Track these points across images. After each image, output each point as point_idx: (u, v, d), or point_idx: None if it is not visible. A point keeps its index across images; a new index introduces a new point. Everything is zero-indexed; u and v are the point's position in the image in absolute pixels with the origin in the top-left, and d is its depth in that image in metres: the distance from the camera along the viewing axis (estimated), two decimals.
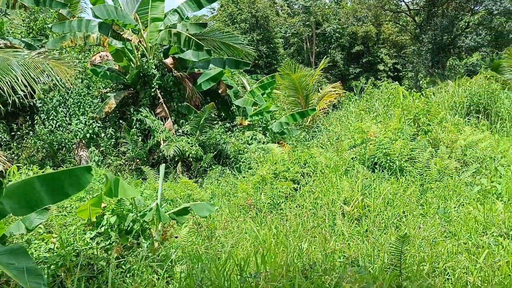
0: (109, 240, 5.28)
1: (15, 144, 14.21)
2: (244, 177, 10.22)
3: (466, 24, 41.43)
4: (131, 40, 14.23)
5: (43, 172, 9.67)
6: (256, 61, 39.53)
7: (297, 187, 8.18)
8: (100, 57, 16.13)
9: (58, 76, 13.22)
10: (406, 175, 8.31)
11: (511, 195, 6.63)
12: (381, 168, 8.58)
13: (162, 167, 5.86)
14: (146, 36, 14.73)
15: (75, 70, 15.29)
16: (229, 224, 7.13)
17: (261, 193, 7.95)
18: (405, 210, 6.69)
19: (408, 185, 7.86)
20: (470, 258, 4.92)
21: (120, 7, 14.83)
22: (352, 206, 6.69)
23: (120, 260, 5.26)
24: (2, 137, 14.41)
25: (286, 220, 6.78)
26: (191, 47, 12.81)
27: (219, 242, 6.34)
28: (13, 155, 14.05)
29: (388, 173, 8.38)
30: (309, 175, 8.60)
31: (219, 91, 14.91)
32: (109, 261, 5.20)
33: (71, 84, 14.25)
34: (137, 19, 14.97)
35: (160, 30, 14.32)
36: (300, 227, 6.41)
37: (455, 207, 6.76)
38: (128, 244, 5.34)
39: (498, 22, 39.95)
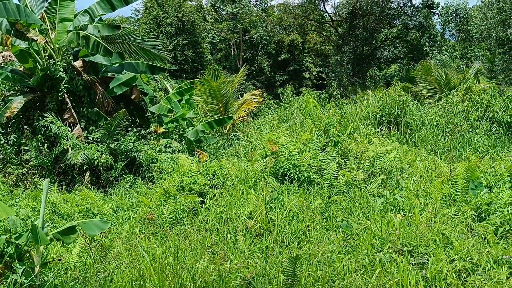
0: None
1: None
2: (150, 188, 9.74)
3: (385, 36, 43.52)
4: (36, 41, 13.24)
5: None
6: (182, 66, 38.86)
7: (203, 200, 7.86)
8: (3, 57, 14.89)
9: None
10: (315, 187, 8.26)
11: (410, 207, 6.74)
12: (290, 179, 8.48)
13: (46, 182, 5.29)
14: (54, 37, 13.79)
15: None
16: (127, 241, 6.65)
17: (165, 206, 7.54)
18: (309, 224, 6.58)
19: (315, 197, 7.81)
20: (366, 276, 4.85)
21: (26, 5, 13.77)
22: (255, 221, 6.48)
23: None
24: None
25: (186, 236, 6.43)
26: (99, 51, 12.11)
27: (112, 262, 5.85)
28: None
29: (296, 185, 8.30)
30: (218, 187, 8.31)
31: (132, 97, 14.25)
32: None
33: None
34: (45, 19, 13.99)
35: (69, 31, 13.46)
36: (201, 244, 6.10)
37: (358, 220, 6.76)
38: (1, 271, 4.74)
39: (414, 36, 42.34)
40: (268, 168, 8.23)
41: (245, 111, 18.31)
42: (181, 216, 7.24)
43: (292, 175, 8.46)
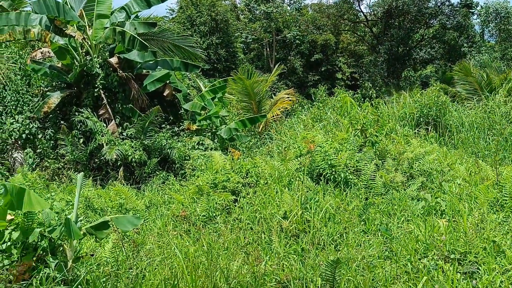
0: (10, 258, 4.62)
1: None
2: (182, 185, 9.64)
3: (421, 37, 42.48)
4: (74, 37, 13.40)
5: None
6: (215, 65, 38.95)
7: (236, 198, 7.69)
8: (42, 53, 15.17)
9: None
10: (351, 188, 7.98)
11: (454, 212, 6.39)
12: (325, 179, 8.22)
13: (80, 176, 5.23)
14: (91, 34, 13.94)
15: (10, 65, 14.37)
16: (160, 238, 6.56)
17: (198, 204, 7.41)
18: (346, 226, 6.33)
19: (352, 198, 7.53)
20: (409, 284, 4.57)
21: (65, 1, 13.97)
22: (290, 221, 6.26)
23: (24, 282, 4.63)
24: None
25: (220, 235, 6.28)
26: (135, 47, 12.17)
27: (145, 259, 5.76)
28: None
29: (332, 185, 8.03)
30: (251, 185, 8.14)
31: (164, 94, 14.27)
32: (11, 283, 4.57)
33: (4, 80, 13.29)
34: (83, 15, 14.18)
35: (106, 28, 13.58)
36: (234, 244, 5.93)
37: (398, 224, 6.46)
38: (33, 264, 4.69)
39: (451, 36, 41.17)
40: (304, 167, 7.98)
41: (279, 109, 18.10)
42: (214, 214, 7.10)
43: (328, 175, 8.20)
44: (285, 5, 48.40)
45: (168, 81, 14.51)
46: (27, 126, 13.51)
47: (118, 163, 12.82)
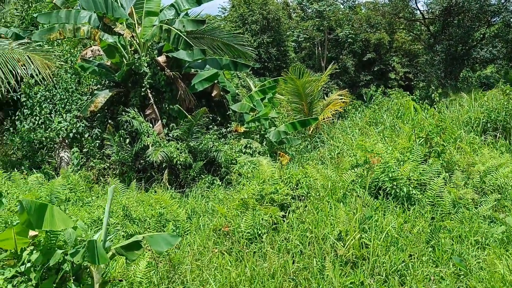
0: (29, 283, 4.11)
1: None
2: (227, 194, 9.00)
3: (482, 35, 40.02)
4: (123, 35, 13.12)
5: None
6: (266, 64, 38.38)
7: (285, 214, 6.92)
8: (92, 51, 15.09)
9: (38, 69, 12.21)
10: (415, 205, 7.04)
11: None
12: (385, 194, 7.31)
13: (111, 189, 4.67)
14: (140, 32, 13.64)
15: (59, 64, 14.31)
16: (199, 255, 5.93)
17: (242, 219, 6.71)
18: (412, 253, 5.45)
19: (416, 217, 6.60)
20: None
21: None
22: (347, 246, 5.45)
23: None
24: None
25: (265, 258, 5.56)
26: (180, 45, 11.70)
27: (182, 282, 5.15)
28: None
29: (393, 202, 7.10)
30: (301, 198, 7.37)
31: (212, 95, 13.73)
32: None
33: (51, 78, 13.18)
34: (133, 13, 13.92)
35: (154, 26, 13.22)
36: (281, 269, 5.20)
37: (473, 252, 5.52)
38: None
39: None
40: (366, 183, 7.07)
41: (330, 111, 17.19)
42: (259, 232, 6.37)
43: (388, 189, 7.28)
44: (338, 3, 47.18)
45: (216, 81, 13.99)
46: (75, 125, 13.38)
47: (163, 165, 12.41)
